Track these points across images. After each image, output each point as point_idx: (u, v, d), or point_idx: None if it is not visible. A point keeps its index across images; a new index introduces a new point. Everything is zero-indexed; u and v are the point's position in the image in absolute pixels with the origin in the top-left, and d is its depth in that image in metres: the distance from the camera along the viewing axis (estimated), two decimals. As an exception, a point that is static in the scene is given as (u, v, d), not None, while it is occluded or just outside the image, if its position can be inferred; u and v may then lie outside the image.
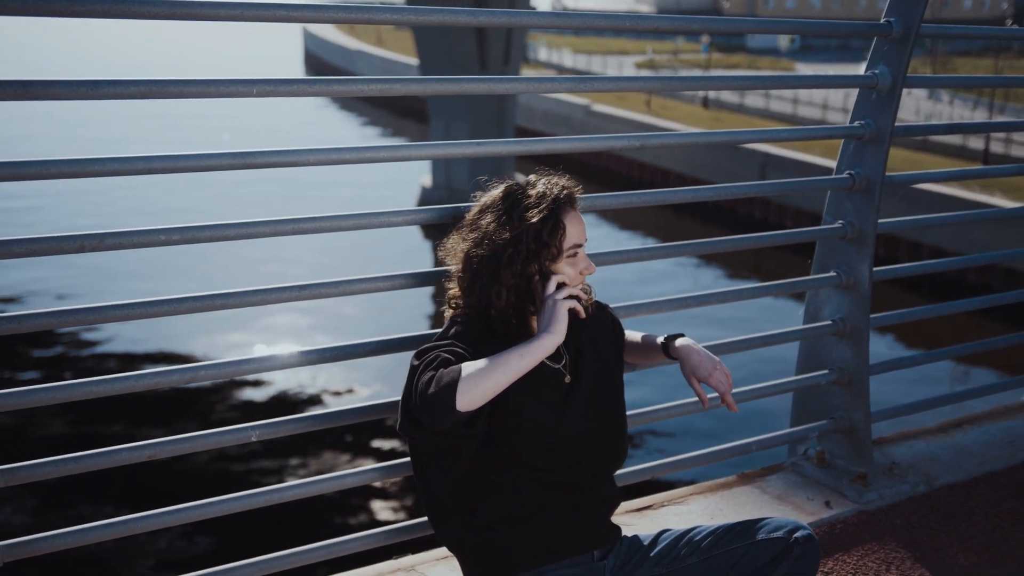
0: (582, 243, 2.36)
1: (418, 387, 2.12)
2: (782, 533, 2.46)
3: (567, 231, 2.34)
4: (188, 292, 2.39)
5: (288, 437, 2.57)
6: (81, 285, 19.19)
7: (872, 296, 3.36)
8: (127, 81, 2.18)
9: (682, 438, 11.22)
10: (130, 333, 16.64)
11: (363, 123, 45.43)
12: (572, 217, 2.36)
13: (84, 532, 2.34)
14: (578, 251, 2.36)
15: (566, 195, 2.37)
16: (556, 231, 2.32)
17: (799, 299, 13.39)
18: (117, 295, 16.41)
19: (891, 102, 3.26)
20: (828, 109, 35.18)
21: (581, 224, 2.37)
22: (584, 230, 2.38)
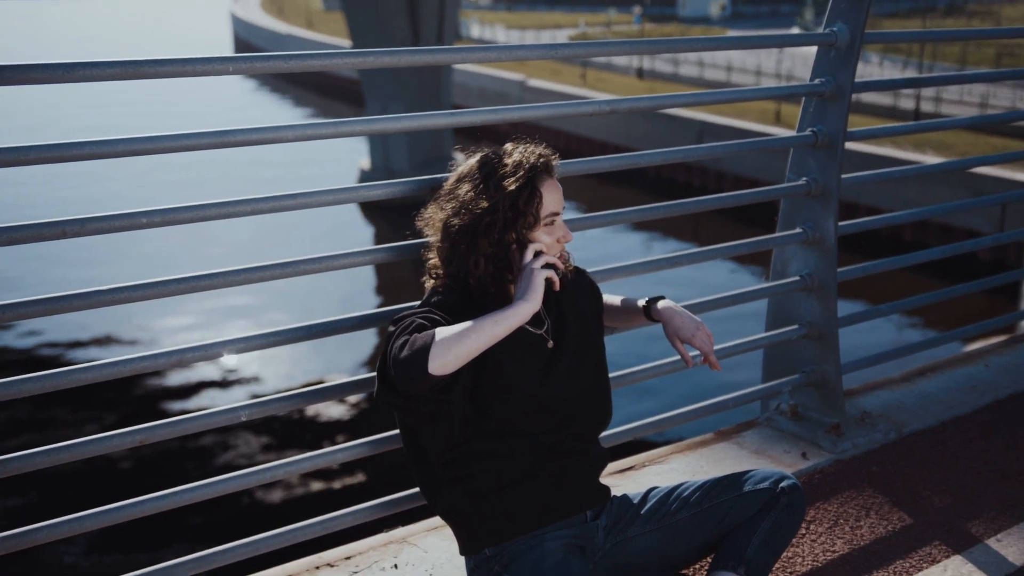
0: (559, 211, 2.37)
1: (392, 352, 2.12)
2: (768, 484, 2.52)
3: (544, 199, 2.35)
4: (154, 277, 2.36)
5: (278, 415, 2.57)
6: (20, 271, 18.76)
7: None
8: (102, 63, 2.16)
9: (657, 400, 11.35)
10: (96, 321, 16.35)
11: (297, 106, 44.94)
12: (549, 185, 2.37)
13: (79, 521, 2.32)
14: (555, 219, 2.37)
15: (543, 163, 2.38)
16: (533, 199, 2.33)
17: (739, 262, 13.62)
18: (61, 283, 16.12)
19: (850, 58, 3.31)
20: (761, 75, 35.49)
21: (558, 192, 2.39)
22: (561, 198, 2.39)
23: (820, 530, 2.93)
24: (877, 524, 2.97)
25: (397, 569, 2.73)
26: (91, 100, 40.44)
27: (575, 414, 2.46)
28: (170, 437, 2.42)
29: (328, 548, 2.82)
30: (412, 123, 2.65)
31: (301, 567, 2.73)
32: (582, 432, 2.49)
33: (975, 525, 2.97)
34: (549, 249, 2.36)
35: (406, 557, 2.79)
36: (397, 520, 2.90)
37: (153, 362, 2.37)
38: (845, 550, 2.83)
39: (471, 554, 2.44)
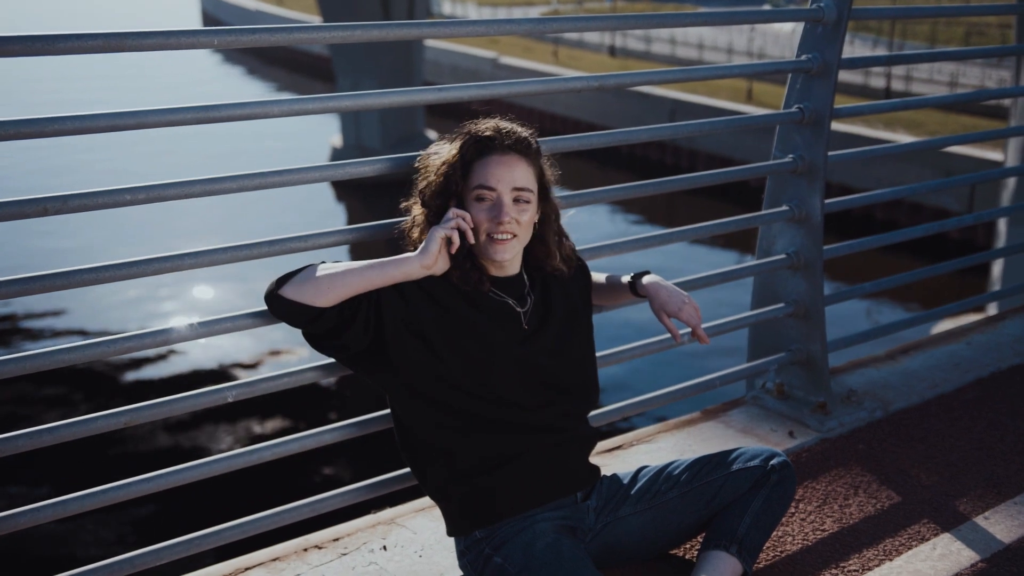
0: (493, 188, 2.32)
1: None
2: (759, 461, 2.52)
3: (474, 172, 2.34)
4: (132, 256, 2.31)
5: (265, 396, 2.53)
6: None
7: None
8: (85, 35, 2.10)
9: (642, 380, 11.35)
10: (89, 300, 16.10)
11: (267, 84, 44.53)
12: (492, 161, 2.34)
13: (64, 504, 2.27)
14: (486, 194, 2.34)
15: (486, 136, 2.36)
16: (456, 168, 2.36)
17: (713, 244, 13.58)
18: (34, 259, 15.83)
19: (836, 35, 3.29)
20: (733, 53, 35.49)
21: (505, 170, 2.33)
22: (507, 178, 2.33)
23: (809, 509, 2.93)
24: (866, 503, 2.97)
25: (386, 551, 2.70)
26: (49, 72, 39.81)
27: (561, 391, 2.46)
28: (156, 419, 2.37)
29: (316, 530, 2.79)
30: (398, 99, 2.61)
31: (289, 549, 2.70)
32: (568, 410, 2.48)
33: (962, 503, 2.98)
34: (480, 225, 2.34)
35: (395, 538, 2.76)
36: (385, 501, 2.87)
37: (139, 342, 2.32)
38: (834, 528, 2.83)
39: (461, 536, 2.42)
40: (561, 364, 2.47)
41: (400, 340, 2.29)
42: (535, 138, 2.45)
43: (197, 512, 9.24)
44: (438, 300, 2.35)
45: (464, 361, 2.33)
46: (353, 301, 2.25)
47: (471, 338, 2.35)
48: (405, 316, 2.30)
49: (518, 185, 2.33)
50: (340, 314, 2.24)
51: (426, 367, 2.31)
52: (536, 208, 2.40)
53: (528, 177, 2.36)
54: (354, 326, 2.25)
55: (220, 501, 6.02)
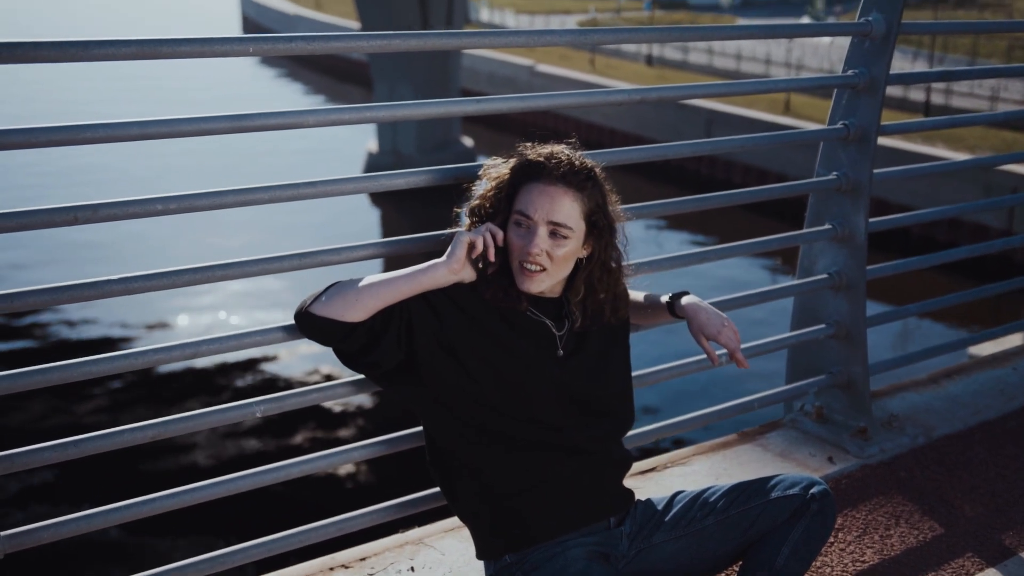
0: (531, 216, 2.25)
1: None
2: (798, 490, 2.43)
3: (519, 198, 2.29)
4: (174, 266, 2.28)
5: (294, 412, 2.48)
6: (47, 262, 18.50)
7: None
8: (119, 41, 2.06)
9: (676, 400, 11.19)
10: (121, 310, 16.12)
11: (305, 89, 44.74)
12: (536, 189, 2.27)
13: (88, 519, 2.24)
14: (523, 221, 2.27)
15: (536, 163, 2.30)
16: (504, 188, 2.32)
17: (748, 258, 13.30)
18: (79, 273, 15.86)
19: (885, 50, 3.21)
20: (771, 64, 35.29)
21: (547, 200, 2.26)
22: (548, 208, 2.25)
23: (849, 539, 2.84)
24: (907, 533, 2.88)
25: (413, 572, 2.65)
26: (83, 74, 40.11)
27: (596, 413, 2.40)
28: (184, 433, 2.33)
29: (345, 548, 2.74)
30: (436, 110, 2.56)
31: (315, 568, 2.65)
32: (603, 433, 2.42)
33: (1008, 536, 2.88)
34: (514, 249, 2.29)
35: (423, 559, 2.71)
36: (414, 521, 2.82)
37: (167, 354, 2.28)
38: (875, 560, 2.74)
39: (490, 559, 2.36)
40: (597, 386, 2.41)
41: (432, 357, 2.24)
42: (595, 172, 2.34)
43: (224, 529, 9.24)
44: (473, 317, 2.30)
45: (498, 380, 2.28)
46: (384, 316, 2.21)
47: (506, 357, 2.30)
48: (437, 333, 2.25)
49: (555, 219, 2.25)
50: (371, 330, 2.20)
51: (458, 385, 2.26)
52: (580, 245, 2.32)
53: (571, 212, 2.26)
54: (385, 342, 2.20)
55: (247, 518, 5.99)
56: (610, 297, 2.43)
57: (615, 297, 2.45)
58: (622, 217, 2.44)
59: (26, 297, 2.10)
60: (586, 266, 2.37)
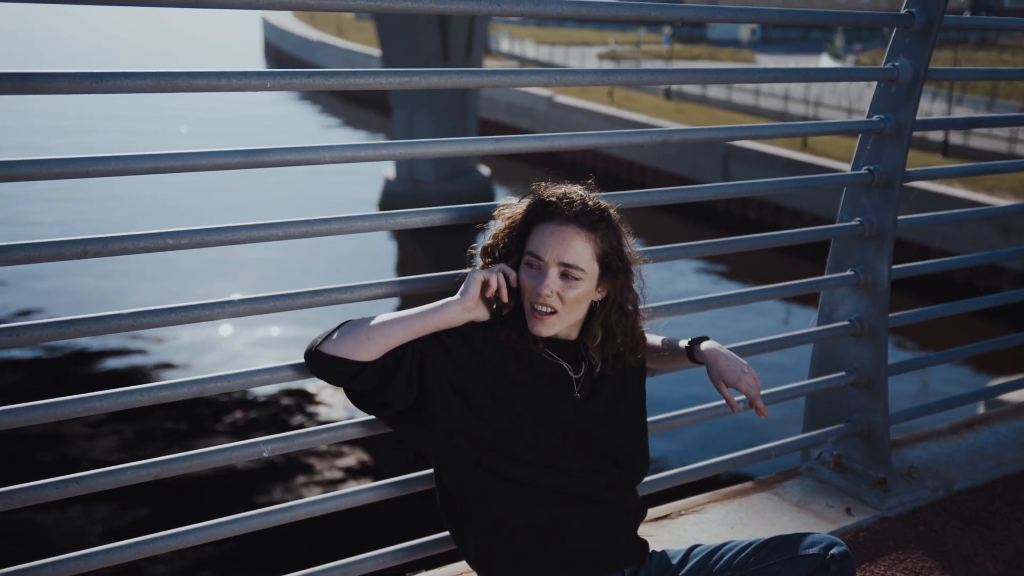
0: (542, 257, 2.20)
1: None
2: (818, 550, 2.35)
3: (531, 238, 2.25)
4: (198, 300, 2.24)
5: (300, 452, 2.43)
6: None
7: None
8: (134, 74, 2.03)
9: (690, 446, 11.04)
10: (132, 343, 16.05)
11: (323, 116, 44.94)
12: (547, 229, 2.22)
13: (87, 558, 2.18)
14: (535, 262, 2.22)
15: (548, 202, 2.25)
16: (516, 228, 2.28)
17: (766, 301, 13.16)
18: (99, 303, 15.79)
19: (912, 96, 3.16)
20: (789, 100, 35.30)
21: (557, 241, 2.21)
22: (559, 249, 2.20)
23: (867, 594, 2.77)
24: (927, 590, 2.80)
25: (419, 618, 2.58)
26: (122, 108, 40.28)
27: (611, 460, 2.34)
28: (188, 472, 2.28)
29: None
30: (453, 148, 2.52)
31: (319, 611, 2.58)
32: (618, 481, 2.36)
33: (1032, 596, 2.80)
34: (526, 291, 2.24)
35: (429, 605, 2.64)
36: (421, 565, 2.75)
37: (174, 391, 2.24)
38: (894, 618, 2.67)
39: (501, 608, 2.30)
40: (613, 432, 2.35)
41: (444, 398, 2.19)
42: (608, 213, 2.29)
43: (227, 571, 9.13)
44: (487, 358, 2.25)
45: (511, 423, 2.23)
46: (396, 356, 2.16)
47: (520, 399, 2.25)
48: (450, 374, 2.20)
49: (566, 260, 2.20)
50: (382, 369, 2.15)
51: (470, 428, 2.21)
52: (593, 287, 2.26)
53: (583, 254, 2.21)
54: (396, 382, 2.16)
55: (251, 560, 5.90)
56: (628, 340, 2.38)
57: (633, 340, 2.39)
58: (639, 259, 2.39)
59: (32, 331, 2.06)
60: (601, 309, 2.32)
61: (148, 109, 38.63)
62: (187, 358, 15.79)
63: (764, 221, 25.74)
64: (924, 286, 17.06)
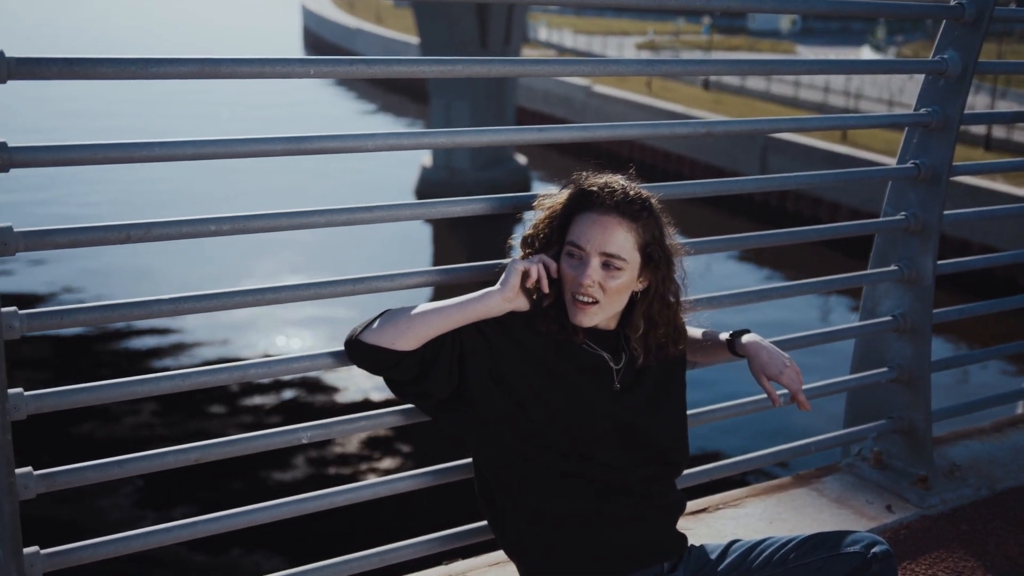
0: (583, 247, 2.20)
1: None
2: (859, 548, 2.32)
3: (572, 228, 2.23)
4: (241, 286, 2.24)
5: (339, 439, 2.44)
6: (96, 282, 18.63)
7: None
8: (178, 60, 2.03)
9: (726, 439, 10.98)
10: (173, 328, 16.13)
11: (361, 102, 45.04)
12: (589, 219, 2.22)
13: (127, 540, 2.20)
14: (575, 252, 2.21)
15: (589, 192, 2.24)
16: (557, 218, 2.27)
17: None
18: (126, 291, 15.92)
19: (960, 89, 3.11)
20: (830, 92, 34.99)
21: (598, 231, 2.20)
22: (600, 239, 2.19)
23: (907, 593, 2.74)
24: (969, 591, 2.77)
25: (455, 607, 2.58)
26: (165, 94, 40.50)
27: (651, 453, 2.33)
28: (228, 457, 2.29)
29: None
30: (495, 138, 2.51)
31: (355, 598, 2.59)
32: (658, 474, 2.35)
33: (1075, 598, 2.76)
34: (567, 281, 2.23)
35: (465, 594, 2.64)
36: (457, 553, 2.75)
37: (214, 376, 2.25)
38: (934, 617, 2.63)
39: (538, 600, 2.29)
40: (653, 425, 2.34)
41: (484, 389, 2.19)
42: (650, 203, 2.28)
43: (266, 556, 9.18)
44: (527, 349, 2.24)
45: (551, 414, 2.22)
46: (435, 345, 2.16)
47: (560, 390, 2.24)
48: (490, 364, 2.20)
49: (608, 250, 2.19)
50: (422, 359, 2.15)
51: (510, 418, 2.20)
52: (634, 277, 2.25)
53: (625, 243, 2.20)
54: (436, 372, 2.15)
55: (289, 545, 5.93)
56: (670, 331, 2.36)
57: (675, 330, 2.38)
58: (680, 251, 2.37)
59: (75, 315, 2.07)
60: (643, 300, 2.30)
61: (185, 95, 38.85)
62: (228, 342, 15.90)
63: (802, 213, 25.53)
64: (964, 283, 16.83)
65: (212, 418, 12.89)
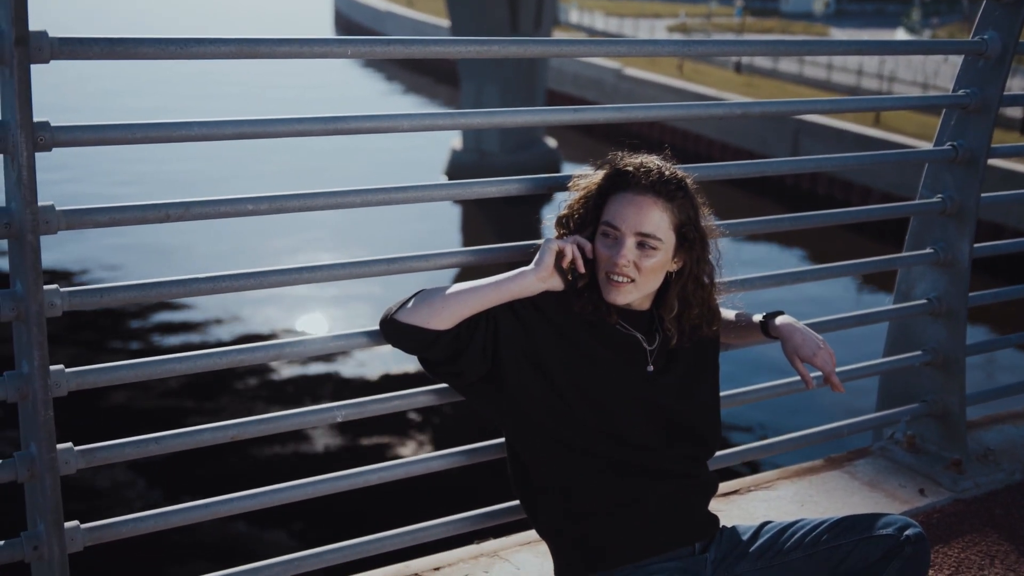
0: (618, 227, 2.20)
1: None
2: (892, 530, 2.32)
3: (607, 208, 2.24)
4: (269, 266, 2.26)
5: (374, 418, 2.46)
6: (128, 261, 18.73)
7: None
8: (218, 40, 2.05)
9: (759, 422, 10.95)
10: (207, 307, 16.26)
11: (391, 85, 45.04)
12: (624, 199, 2.22)
13: (165, 516, 2.23)
14: (611, 232, 2.22)
15: (625, 172, 2.24)
16: (592, 199, 2.28)
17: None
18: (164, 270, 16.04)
19: (1000, 70, 3.08)
20: (863, 76, 34.65)
21: (633, 211, 2.20)
22: (636, 219, 2.19)
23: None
24: (1003, 575, 2.75)
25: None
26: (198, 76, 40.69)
27: (684, 434, 2.33)
28: (264, 434, 2.32)
29: (418, 557, 2.70)
30: (530, 118, 2.53)
31: (388, 575, 2.61)
32: (691, 454, 2.36)
33: (1111, 584, 2.74)
34: (601, 261, 2.23)
35: (497, 572, 2.66)
36: (489, 533, 2.77)
37: (251, 355, 2.27)
38: (968, 601, 2.63)
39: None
40: (687, 406, 2.34)
41: (518, 370, 2.19)
42: (685, 183, 2.27)
43: (300, 532, 9.25)
44: (561, 329, 2.25)
45: (584, 395, 2.23)
46: (470, 325, 2.17)
47: (594, 371, 2.24)
48: (524, 345, 2.20)
49: (644, 230, 2.19)
50: (456, 338, 2.16)
51: (543, 399, 2.21)
52: (669, 257, 2.25)
53: (660, 223, 2.20)
54: (470, 351, 2.16)
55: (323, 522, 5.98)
56: (705, 311, 2.36)
57: (709, 311, 2.38)
58: (715, 232, 2.36)
59: (114, 293, 2.09)
60: (677, 280, 2.30)
61: (215, 75, 38.98)
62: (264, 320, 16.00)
63: (834, 197, 25.32)
64: (997, 267, 16.67)
65: (247, 396, 12.99)
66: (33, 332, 1.94)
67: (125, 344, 14.76)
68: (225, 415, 2.54)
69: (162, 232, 18.20)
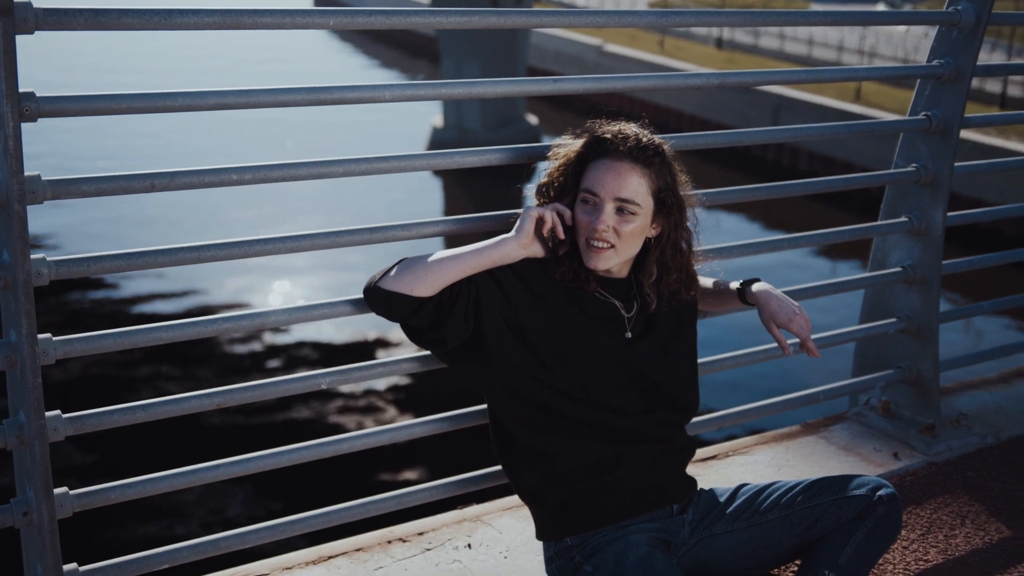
0: (597, 193, 2.24)
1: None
2: (865, 491, 2.38)
3: (586, 175, 2.28)
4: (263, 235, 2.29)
5: (357, 385, 2.49)
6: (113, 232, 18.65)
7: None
8: (201, 11, 2.07)
9: (738, 388, 11.02)
10: (191, 277, 16.16)
11: (372, 62, 44.77)
12: (603, 166, 2.26)
13: (154, 482, 2.27)
14: (590, 198, 2.26)
15: (603, 139, 2.28)
16: (571, 166, 2.31)
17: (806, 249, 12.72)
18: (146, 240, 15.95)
19: (973, 40, 3.13)
20: (844, 51, 34.67)
21: (612, 177, 2.24)
22: (614, 184, 2.24)
23: (912, 536, 2.79)
24: (973, 534, 2.83)
25: (471, 548, 2.65)
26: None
27: (662, 399, 2.38)
28: (248, 402, 2.35)
29: (402, 523, 2.75)
30: (511, 88, 2.57)
31: (373, 540, 2.67)
32: (669, 419, 2.41)
33: (1078, 542, 2.81)
34: (581, 227, 2.27)
35: (480, 536, 2.71)
36: (472, 497, 2.82)
37: (236, 324, 2.30)
38: (939, 560, 2.70)
39: (551, 541, 2.36)
40: (664, 371, 2.39)
41: (499, 336, 2.23)
42: (663, 149, 2.32)
43: (285, 498, 9.27)
44: (541, 296, 2.29)
45: (564, 360, 2.27)
46: (452, 292, 2.20)
47: (573, 337, 2.29)
48: (504, 311, 2.24)
49: (622, 196, 2.23)
50: (439, 306, 2.19)
51: (525, 365, 2.25)
52: (648, 223, 2.29)
53: (638, 189, 2.24)
54: (453, 318, 2.20)
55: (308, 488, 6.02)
56: (683, 276, 2.40)
57: (687, 276, 2.42)
58: (693, 200, 2.41)
59: (100, 262, 2.12)
60: (656, 245, 2.35)
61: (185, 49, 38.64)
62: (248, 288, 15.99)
63: (815, 172, 25.38)
64: (974, 240, 16.78)
65: (232, 365, 13.00)
66: (21, 300, 1.96)
67: (111, 312, 14.73)
68: (210, 383, 2.59)
69: (147, 203, 18.18)
